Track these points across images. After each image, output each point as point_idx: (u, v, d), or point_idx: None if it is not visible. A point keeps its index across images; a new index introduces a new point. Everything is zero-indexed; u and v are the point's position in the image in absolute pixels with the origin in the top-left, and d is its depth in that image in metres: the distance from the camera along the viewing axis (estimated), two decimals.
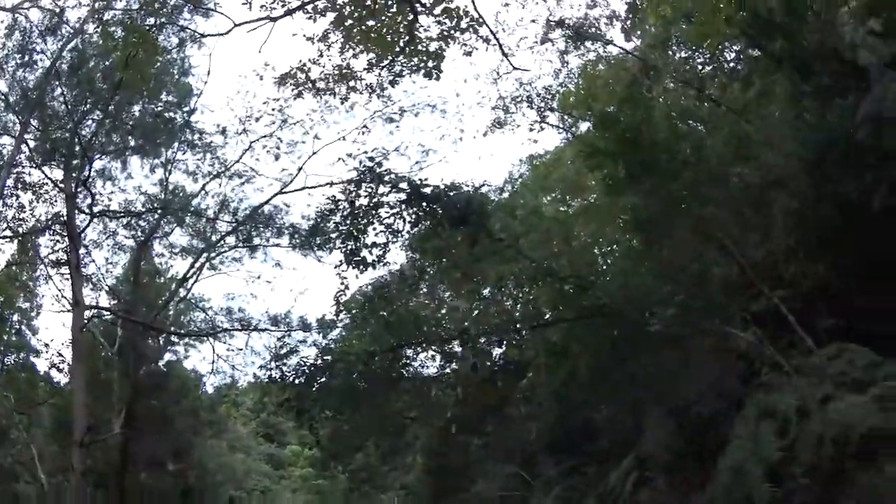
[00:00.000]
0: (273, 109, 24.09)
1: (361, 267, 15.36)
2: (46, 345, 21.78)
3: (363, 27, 12.42)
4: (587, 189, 20.10)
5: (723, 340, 10.83)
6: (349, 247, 15.33)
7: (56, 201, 22.05)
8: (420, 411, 24.17)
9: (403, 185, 15.05)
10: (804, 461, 7.92)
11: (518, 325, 18.62)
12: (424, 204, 14.95)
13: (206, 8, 18.59)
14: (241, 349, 24.00)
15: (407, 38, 12.56)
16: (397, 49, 12.85)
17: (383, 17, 12.45)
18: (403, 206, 15.06)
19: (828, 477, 7.90)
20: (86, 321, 19.48)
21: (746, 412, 9.27)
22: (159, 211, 24.68)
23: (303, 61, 14.01)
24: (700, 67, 16.83)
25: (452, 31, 12.80)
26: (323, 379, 17.36)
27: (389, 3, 12.29)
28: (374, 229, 15.20)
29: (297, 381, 17.31)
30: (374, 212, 15.14)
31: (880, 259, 9.53)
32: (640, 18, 18.17)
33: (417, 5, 12.30)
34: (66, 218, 21.48)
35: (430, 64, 13.04)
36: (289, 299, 69.25)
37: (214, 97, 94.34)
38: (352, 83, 14.23)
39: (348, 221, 15.34)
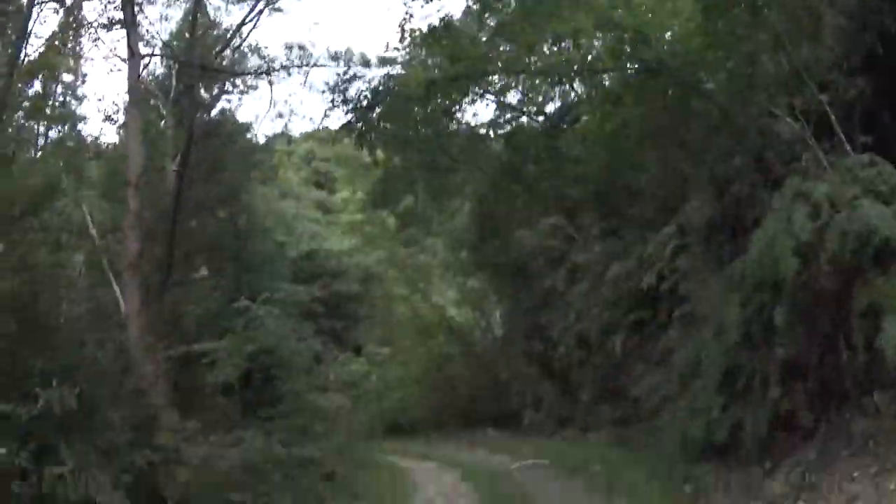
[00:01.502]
0: None
1: None
2: (99, 100, 21.59)
3: None
4: None
5: (769, 123, 10.52)
6: None
7: None
8: (471, 156, 24.35)
9: None
10: (829, 249, 8.13)
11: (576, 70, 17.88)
12: None
13: None
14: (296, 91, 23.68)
15: None
16: None
17: None
18: None
19: (848, 269, 8.24)
20: (141, 70, 19.08)
21: (784, 192, 9.23)
22: None
23: None
24: None
25: None
26: (381, 108, 18.01)
27: None
28: None
29: (357, 106, 18.05)
30: None
31: None
32: None
33: None
34: None
35: None
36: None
37: None
38: None
39: None
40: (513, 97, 24.13)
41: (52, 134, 21.62)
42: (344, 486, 13.23)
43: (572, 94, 21.75)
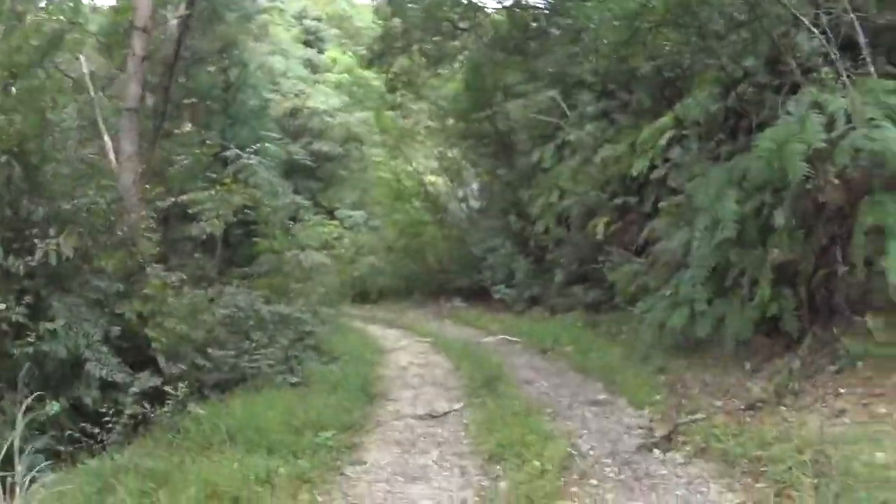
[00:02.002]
0: None
1: None
2: None
3: None
4: None
5: (791, 30, 10.08)
6: None
7: None
8: (471, 22, 23.59)
9: None
10: (839, 162, 7.96)
11: None
12: None
13: None
14: None
15: None
16: None
17: None
18: None
19: (856, 187, 8.13)
20: None
21: (801, 98, 8.95)
22: None
23: None
24: None
25: None
26: None
27: None
28: None
29: None
30: None
31: None
32: None
33: None
34: None
35: None
36: None
37: None
38: None
39: None
40: None
41: None
42: (320, 348, 13.25)
43: None
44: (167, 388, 8.62)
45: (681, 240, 10.98)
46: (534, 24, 21.88)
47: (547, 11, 21.35)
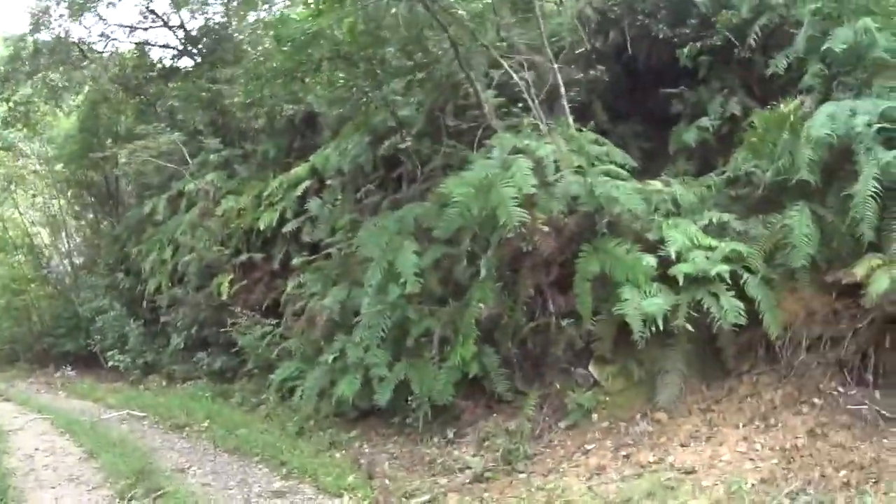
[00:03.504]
0: None
1: None
2: None
3: None
4: None
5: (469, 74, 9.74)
6: None
7: None
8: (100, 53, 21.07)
9: None
10: (553, 210, 7.86)
11: None
12: None
13: None
14: None
15: None
16: None
17: None
18: None
19: (569, 235, 7.91)
20: None
21: (501, 143, 8.63)
22: None
23: None
24: None
25: None
26: None
27: None
28: None
29: None
30: None
31: None
32: None
33: None
34: None
35: None
36: None
37: None
38: None
39: None
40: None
41: None
42: None
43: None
44: None
45: (337, 297, 9.96)
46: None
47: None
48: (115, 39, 21.55)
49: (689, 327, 6.97)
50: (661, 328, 6.95)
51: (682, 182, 8.50)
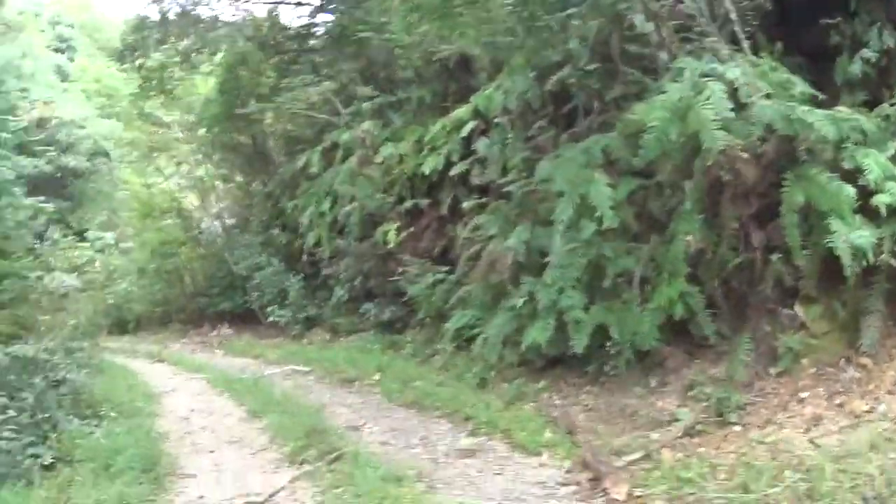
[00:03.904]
0: None
1: None
2: None
3: None
4: None
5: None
6: None
7: None
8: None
9: None
10: (751, 136, 7.20)
11: None
12: None
13: None
14: None
15: None
16: None
17: None
18: None
19: (768, 163, 7.33)
20: None
21: (688, 64, 7.92)
22: None
23: None
24: None
25: None
26: None
27: None
28: None
29: None
30: None
31: None
32: None
33: None
34: None
35: None
36: None
37: None
38: None
39: None
40: None
41: None
42: (79, 399, 9.90)
43: None
44: None
45: (521, 238, 9.39)
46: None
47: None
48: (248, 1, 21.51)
49: (894, 263, 6.47)
50: (868, 263, 6.42)
51: (860, 112, 7.64)
